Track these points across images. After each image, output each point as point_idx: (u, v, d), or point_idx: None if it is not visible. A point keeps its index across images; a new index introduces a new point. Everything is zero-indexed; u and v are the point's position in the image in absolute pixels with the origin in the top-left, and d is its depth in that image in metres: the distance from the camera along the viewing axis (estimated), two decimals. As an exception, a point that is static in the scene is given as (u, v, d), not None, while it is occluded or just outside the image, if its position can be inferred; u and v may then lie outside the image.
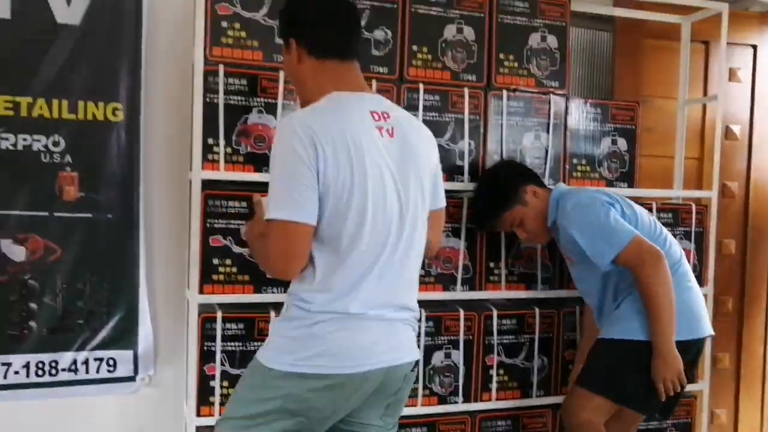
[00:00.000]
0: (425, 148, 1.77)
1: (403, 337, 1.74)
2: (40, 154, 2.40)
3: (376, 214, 1.64)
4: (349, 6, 1.79)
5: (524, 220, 2.35)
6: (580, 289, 2.43)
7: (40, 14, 2.37)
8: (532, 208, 2.34)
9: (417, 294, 1.79)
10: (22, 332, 2.40)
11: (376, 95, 1.82)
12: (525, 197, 2.34)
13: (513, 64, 2.53)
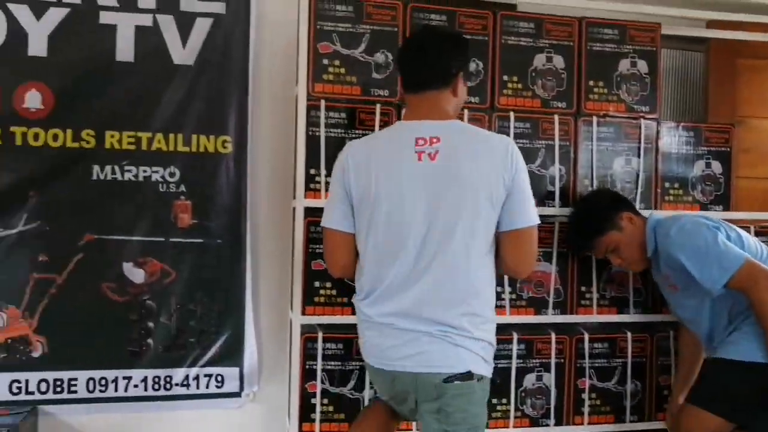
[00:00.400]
0: (481, 169, 1.83)
1: (431, 348, 1.82)
2: (158, 184, 2.63)
3: (389, 231, 1.84)
4: (425, 41, 1.97)
5: (619, 246, 2.36)
6: (684, 318, 2.41)
7: (159, 57, 2.62)
8: (628, 235, 2.35)
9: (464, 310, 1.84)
10: (141, 349, 2.62)
11: (438, 122, 1.90)
12: (621, 223, 2.35)
13: (603, 90, 2.58)
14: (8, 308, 2.52)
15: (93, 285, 2.58)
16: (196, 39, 2.65)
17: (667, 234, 2.26)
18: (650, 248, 2.33)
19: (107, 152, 2.58)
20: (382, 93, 2.42)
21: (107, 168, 2.59)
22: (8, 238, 2.52)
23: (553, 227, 2.53)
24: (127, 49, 2.59)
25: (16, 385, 2.53)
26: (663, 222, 2.33)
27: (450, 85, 1.92)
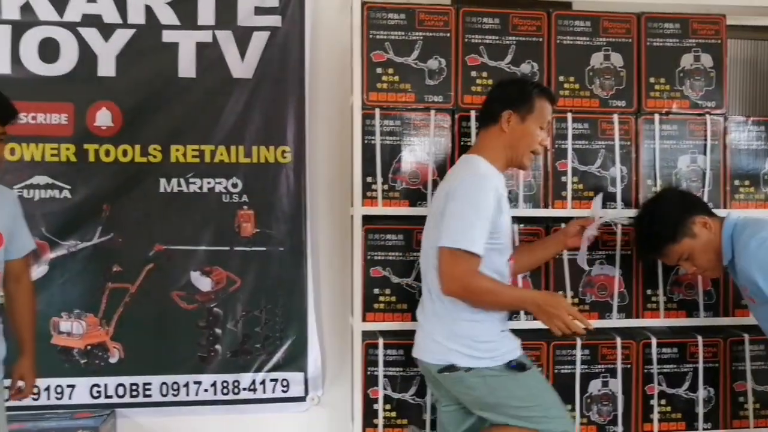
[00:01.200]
0: (439, 195, 2.13)
1: (418, 338, 2.17)
2: (222, 195, 2.75)
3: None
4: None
5: (693, 254, 2.24)
6: (765, 329, 2.29)
7: (219, 72, 2.73)
8: (703, 242, 2.22)
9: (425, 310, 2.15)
10: (210, 354, 2.75)
11: (466, 156, 2.18)
12: (694, 229, 2.22)
13: (664, 87, 2.53)
14: (87, 316, 2.68)
15: (163, 293, 2.72)
16: (254, 52, 2.75)
17: (746, 246, 2.11)
18: (726, 257, 2.20)
19: (173, 165, 2.72)
20: (436, 99, 2.46)
21: (173, 181, 2.72)
22: (85, 250, 2.68)
23: (614, 229, 2.49)
24: (188, 65, 2.72)
25: (96, 389, 2.69)
26: (742, 228, 2.17)
27: (497, 122, 2.13)
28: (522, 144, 2.13)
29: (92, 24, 2.68)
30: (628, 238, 2.51)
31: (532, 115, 2.13)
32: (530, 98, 2.14)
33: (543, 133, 2.15)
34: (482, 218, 1.98)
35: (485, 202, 1.99)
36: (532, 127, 2.13)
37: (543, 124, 2.14)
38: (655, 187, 2.52)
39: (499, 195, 2.03)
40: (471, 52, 2.48)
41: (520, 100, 2.14)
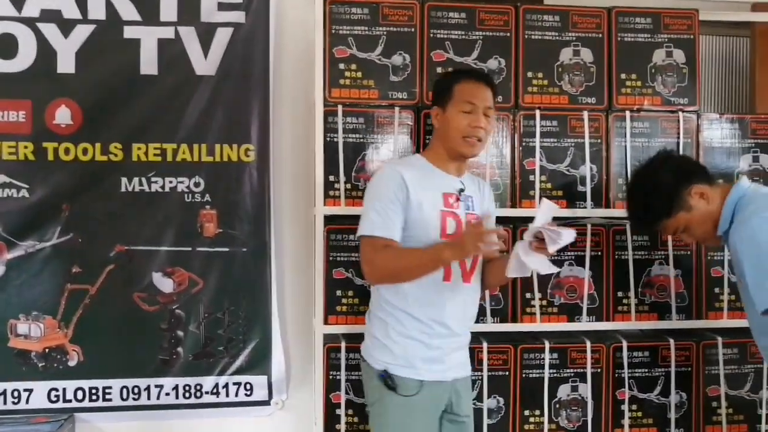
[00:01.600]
0: None
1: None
2: (184, 194, 2.70)
3: None
4: None
5: (689, 227, 2.10)
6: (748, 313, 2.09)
7: (182, 69, 2.68)
8: (700, 213, 2.07)
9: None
10: (172, 357, 2.70)
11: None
12: (690, 201, 2.07)
13: (635, 83, 2.48)
14: (45, 318, 2.63)
15: (124, 295, 2.67)
16: (217, 49, 2.70)
17: (745, 222, 1.94)
18: (722, 227, 2.04)
19: (134, 164, 2.67)
20: (401, 96, 2.41)
21: (135, 180, 2.67)
22: (43, 250, 2.63)
23: (585, 229, 2.44)
24: (150, 62, 2.67)
25: (54, 393, 2.64)
26: (749, 200, 2.00)
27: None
28: (450, 133, 2.08)
29: (51, 19, 2.63)
30: (598, 239, 2.46)
31: (451, 102, 2.08)
32: (449, 88, 2.10)
33: (472, 116, 2.05)
34: (378, 203, 2.01)
35: (379, 189, 2.03)
36: (452, 113, 2.07)
37: (465, 107, 2.06)
38: (626, 186, 2.45)
39: (400, 182, 2.01)
40: (436, 48, 2.43)
41: (440, 93, 2.12)
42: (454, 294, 2.06)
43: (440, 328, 2.04)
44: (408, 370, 2.03)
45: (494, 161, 2.42)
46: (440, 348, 2.05)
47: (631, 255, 2.48)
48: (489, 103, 2.08)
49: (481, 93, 2.07)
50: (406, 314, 2.04)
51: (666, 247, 2.50)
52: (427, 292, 2.03)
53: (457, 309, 2.07)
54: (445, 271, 2.02)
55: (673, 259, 2.50)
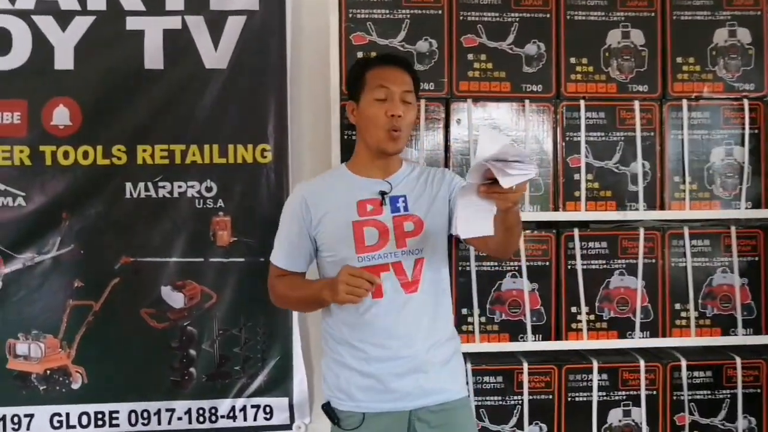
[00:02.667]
0: None
1: None
2: (194, 200, 2.50)
3: None
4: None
5: None
6: None
7: (190, 62, 2.48)
8: None
9: None
10: (183, 378, 2.51)
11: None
12: None
13: (694, 67, 2.25)
14: (46, 338, 2.47)
15: (131, 311, 2.49)
16: (229, 39, 2.50)
17: None
18: None
19: (139, 168, 2.48)
20: (427, 87, 2.20)
21: (140, 185, 2.49)
22: (42, 263, 2.47)
23: (637, 234, 2.18)
24: (155, 55, 2.47)
25: (56, 419, 2.48)
26: None
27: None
28: (367, 127, 1.85)
29: (47, 11, 2.44)
30: (652, 244, 2.21)
31: (363, 91, 1.85)
32: (360, 77, 1.87)
33: (387, 103, 1.81)
34: (279, 230, 1.96)
35: (283, 215, 1.97)
36: (366, 104, 1.84)
37: (378, 93, 1.82)
38: (684, 185, 2.20)
39: (300, 206, 1.87)
40: (467, 32, 2.21)
41: (352, 84, 1.91)
42: (391, 310, 1.82)
43: (376, 351, 1.81)
44: (347, 402, 1.84)
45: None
46: (378, 374, 1.81)
47: (690, 262, 2.23)
48: (407, 87, 1.84)
49: (397, 77, 1.83)
50: (337, 338, 1.86)
51: (730, 252, 2.23)
52: (354, 312, 1.82)
53: (398, 326, 1.82)
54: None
55: (739, 265, 2.23)
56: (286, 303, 2.02)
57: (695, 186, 2.24)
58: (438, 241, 1.87)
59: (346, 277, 1.66)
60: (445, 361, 1.86)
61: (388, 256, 1.82)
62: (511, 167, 1.44)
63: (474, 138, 2.14)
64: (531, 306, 2.18)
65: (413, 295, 1.83)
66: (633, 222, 2.22)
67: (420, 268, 1.84)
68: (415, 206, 1.85)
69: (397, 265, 1.82)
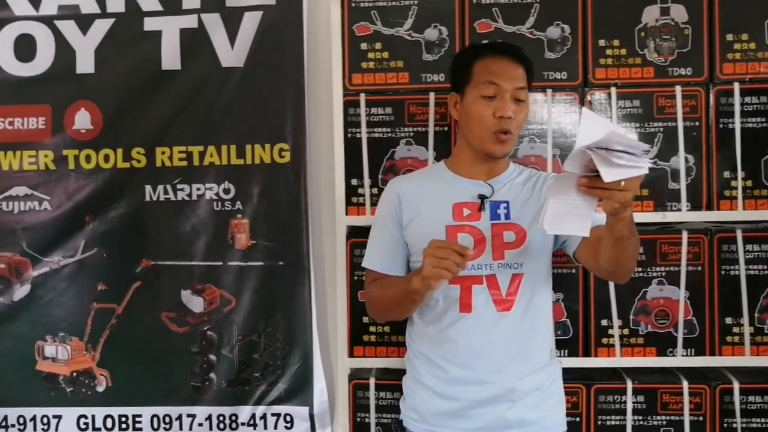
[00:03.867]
0: None
1: None
2: (213, 202, 2.42)
3: None
4: None
5: None
6: None
7: (207, 61, 2.40)
8: None
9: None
10: (204, 384, 2.45)
11: None
12: None
13: (747, 45, 1.91)
14: (72, 340, 2.47)
15: (153, 315, 2.44)
16: (245, 37, 2.39)
17: None
18: None
19: (159, 170, 2.42)
20: (437, 78, 2.01)
21: (159, 188, 2.43)
22: (68, 266, 2.46)
23: (680, 238, 1.90)
24: (172, 55, 2.41)
25: (83, 421, 2.48)
26: None
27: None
28: (471, 127, 1.66)
29: (69, 16, 2.43)
30: (697, 249, 1.91)
31: (471, 85, 1.65)
32: (467, 66, 1.66)
33: (496, 102, 1.61)
34: (374, 230, 1.76)
35: (378, 213, 1.77)
36: (472, 99, 1.64)
37: (487, 89, 1.61)
38: (736, 181, 1.89)
39: (394, 202, 1.68)
40: (481, 16, 2.00)
41: (458, 74, 1.69)
42: (479, 327, 1.62)
43: (457, 371, 1.63)
44: (420, 424, 1.66)
45: (558, 155, 1.94)
46: (458, 398, 1.63)
47: (744, 270, 1.91)
48: (520, 83, 1.62)
49: (509, 71, 1.62)
50: (416, 353, 1.68)
51: (793, 258, 1.91)
52: (437, 324, 1.63)
53: (486, 347, 1.63)
54: (462, 299, 1.61)
55: (804, 274, 1.90)
56: (381, 308, 1.73)
57: (750, 182, 1.92)
58: (542, 257, 1.68)
59: (432, 250, 1.45)
60: (538, 389, 1.67)
61: (483, 268, 1.64)
62: (617, 157, 1.23)
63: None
64: (555, 318, 1.93)
65: (506, 314, 1.64)
66: (674, 225, 1.93)
67: (517, 285, 1.65)
68: (518, 214, 1.66)
69: (492, 278, 1.64)
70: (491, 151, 1.63)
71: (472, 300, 1.62)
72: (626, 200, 1.31)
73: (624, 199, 1.31)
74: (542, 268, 1.68)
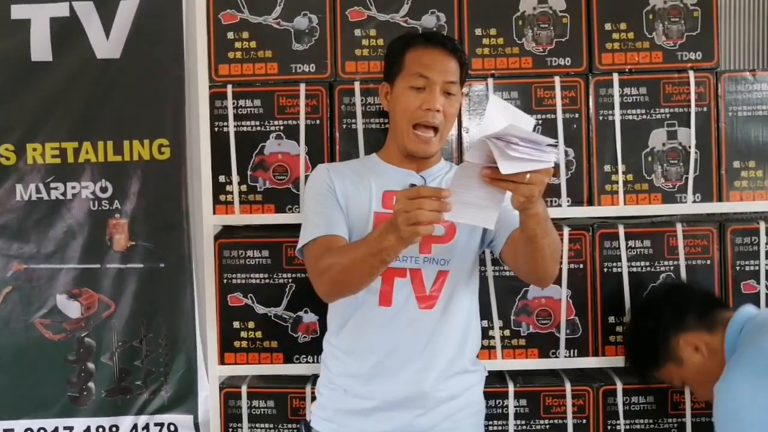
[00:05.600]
0: None
1: None
2: (89, 201, 2.26)
3: None
4: None
5: (686, 382, 1.71)
6: None
7: (80, 52, 2.23)
8: (693, 369, 1.64)
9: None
10: (82, 394, 2.29)
11: None
12: (678, 353, 1.65)
13: (626, 35, 1.82)
14: (-66, 350, 2.26)
15: (26, 321, 2.27)
16: (121, 26, 2.22)
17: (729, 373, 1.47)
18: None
19: (30, 168, 2.25)
20: (308, 68, 1.88)
21: (31, 186, 2.26)
22: (-72, 271, 2.26)
23: (561, 235, 1.80)
24: (43, 46, 2.23)
25: (-53, 437, 2.26)
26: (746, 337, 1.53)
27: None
28: (396, 118, 1.56)
29: (-74, 0, 2.23)
30: (579, 246, 1.81)
31: (400, 76, 1.54)
32: (399, 56, 1.55)
33: (425, 94, 1.50)
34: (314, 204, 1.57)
35: (310, 189, 1.61)
36: (399, 90, 1.54)
37: (416, 81, 1.51)
38: (617, 175, 1.80)
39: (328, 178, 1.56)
40: (353, 4, 1.86)
41: (389, 63, 1.58)
42: (397, 323, 1.52)
43: (368, 368, 1.53)
44: (328, 423, 1.55)
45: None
46: (367, 396, 1.52)
47: (626, 266, 1.81)
48: (451, 77, 1.52)
49: (440, 63, 1.52)
50: (332, 350, 1.58)
51: (676, 254, 1.82)
52: (354, 316, 1.54)
53: (402, 344, 1.52)
54: (382, 291, 1.50)
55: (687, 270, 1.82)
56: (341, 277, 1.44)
57: (630, 176, 1.83)
58: (468, 256, 1.58)
59: (402, 203, 1.26)
60: (453, 397, 1.55)
61: (408, 260, 1.53)
62: (514, 150, 1.15)
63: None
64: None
65: (428, 311, 1.54)
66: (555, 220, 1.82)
67: (442, 283, 1.55)
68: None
69: (416, 273, 1.54)
70: (413, 150, 1.54)
71: (393, 293, 1.52)
72: (532, 194, 1.24)
73: (530, 193, 1.24)
74: (468, 267, 1.59)
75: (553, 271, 1.48)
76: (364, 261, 1.37)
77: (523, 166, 1.17)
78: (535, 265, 1.42)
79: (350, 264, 1.40)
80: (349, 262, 1.40)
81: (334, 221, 1.53)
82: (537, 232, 1.33)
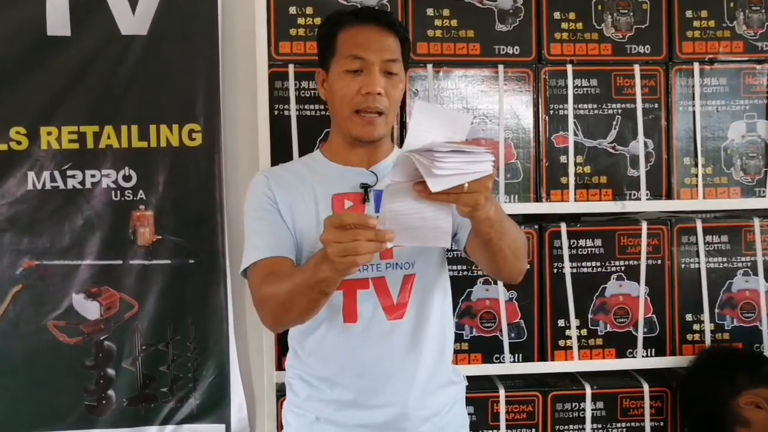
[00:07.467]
0: None
1: None
2: (111, 191, 2.13)
3: None
4: None
5: None
6: None
7: (103, 28, 2.10)
8: (760, 424, 1.65)
9: None
10: (100, 403, 2.16)
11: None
12: (743, 415, 1.67)
13: (707, 23, 1.81)
14: (-63, 357, 2.10)
15: (37, 324, 2.12)
16: (149, 1, 2.09)
17: None
18: None
19: (44, 154, 2.11)
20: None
21: (45, 174, 2.10)
22: (-69, 268, 2.10)
23: (639, 230, 1.75)
24: (60, 19, 2.08)
25: (-48, 452, 2.10)
26: None
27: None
28: (335, 106, 1.46)
29: (-65, -28, 2.06)
30: (656, 241, 1.77)
31: (334, 60, 1.45)
32: (331, 38, 1.46)
33: (362, 76, 1.40)
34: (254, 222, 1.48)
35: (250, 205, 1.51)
36: (335, 75, 1.44)
37: (351, 64, 1.41)
38: (695, 168, 1.77)
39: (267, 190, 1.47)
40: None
41: (322, 47, 1.49)
42: (366, 340, 1.43)
43: (340, 393, 1.44)
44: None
45: (510, 137, 1.76)
46: (341, 423, 1.43)
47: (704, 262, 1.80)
48: (390, 55, 1.42)
49: (377, 41, 1.41)
50: (298, 373, 1.49)
51: (753, 250, 1.80)
52: (318, 336, 1.44)
53: (374, 363, 1.43)
54: (345, 307, 1.41)
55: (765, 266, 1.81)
56: (280, 309, 1.36)
57: (710, 169, 1.81)
58: (434, 255, 1.47)
59: (330, 234, 1.16)
60: (435, 414, 1.46)
61: (368, 269, 1.42)
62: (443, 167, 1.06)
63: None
64: (509, 319, 1.75)
65: (398, 322, 1.44)
66: (631, 215, 1.83)
67: (409, 288, 1.45)
68: None
69: (380, 281, 1.43)
70: (358, 135, 1.43)
71: (357, 307, 1.42)
72: (476, 203, 1.15)
73: (473, 202, 1.15)
74: (436, 267, 1.49)
75: (520, 268, 1.40)
76: (302, 294, 1.29)
77: (455, 180, 1.09)
78: (497, 267, 1.36)
79: (287, 297, 1.32)
80: (286, 295, 1.32)
81: (276, 241, 1.44)
82: (492, 235, 1.26)
